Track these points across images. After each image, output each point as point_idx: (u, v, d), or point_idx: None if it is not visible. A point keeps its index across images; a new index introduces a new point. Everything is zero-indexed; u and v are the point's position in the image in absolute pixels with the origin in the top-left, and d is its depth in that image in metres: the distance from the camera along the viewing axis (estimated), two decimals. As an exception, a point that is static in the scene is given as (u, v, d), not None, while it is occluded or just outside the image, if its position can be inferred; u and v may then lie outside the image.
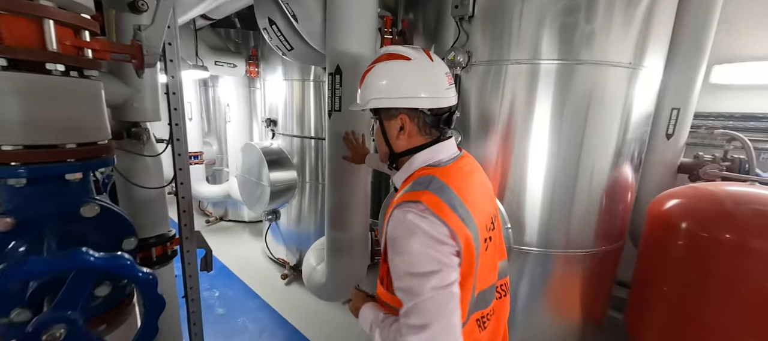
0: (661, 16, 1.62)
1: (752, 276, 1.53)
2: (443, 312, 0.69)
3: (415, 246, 0.71)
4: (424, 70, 0.83)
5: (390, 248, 0.76)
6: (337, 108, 1.58)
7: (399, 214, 0.73)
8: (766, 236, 1.51)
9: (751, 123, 2.25)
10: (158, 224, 1.25)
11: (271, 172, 2.88)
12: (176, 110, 1.02)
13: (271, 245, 3.46)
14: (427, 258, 0.70)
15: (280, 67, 3.06)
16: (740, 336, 1.57)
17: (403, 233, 0.72)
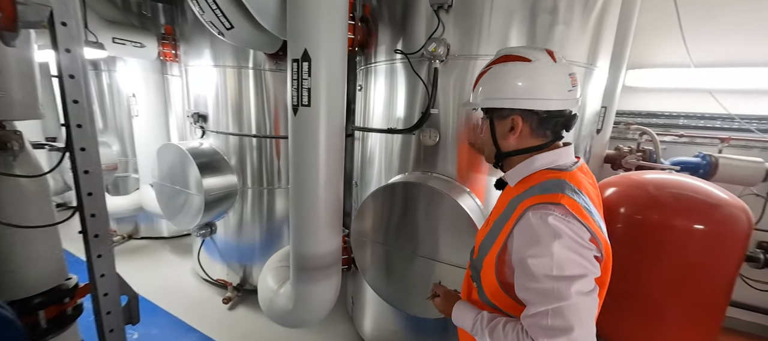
0: (608, 22, 1.76)
1: (674, 250, 1.81)
2: (586, 318, 0.70)
3: (558, 249, 0.71)
4: (544, 72, 0.82)
5: (522, 250, 0.75)
6: (306, 103, 1.30)
7: (536, 216, 0.74)
8: (682, 215, 1.80)
9: (654, 120, 2.71)
10: (47, 273, 0.83)
11: (205, 178, 2.37)
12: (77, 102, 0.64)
13: (207, 264, 2.91)
14: (571, 261, 0.71)
15: (208, 50, 2.53)
16: (668, 301, 1.85)
17: (545, 236, 0.72)
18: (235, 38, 1.79)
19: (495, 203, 1.02)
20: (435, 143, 1.65)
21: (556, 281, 0.70)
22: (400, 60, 1.75)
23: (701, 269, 1.78)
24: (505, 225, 0.83)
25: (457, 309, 0.94)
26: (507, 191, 0.94)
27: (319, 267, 1.50)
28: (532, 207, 0.76)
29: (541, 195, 0.77)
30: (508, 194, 0.90)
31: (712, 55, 2.43)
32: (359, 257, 1.77)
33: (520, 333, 0.74)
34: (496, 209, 0.95)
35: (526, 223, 0.76)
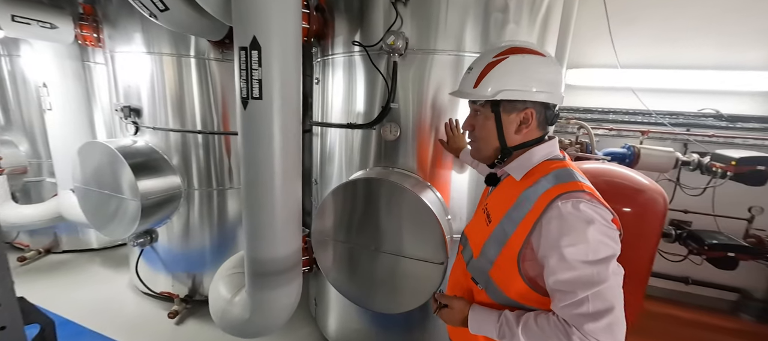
0: (552, 23, 1.89)
1: (607, 231, 2.03)
2: (620, 295, 0.73)
3: (593, 234, 0.72)
4: (554, 67, 0.85)
5: (556, 241, 0.74)
6: (257, 95, 1.20)
7: (568, 205, 0.74)
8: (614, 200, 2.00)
9: (589, 115, 3.00)
10: None
11: (140, 180, 2.10)
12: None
13: (148, 276, 2.60)
14: (604, 244, 0.73)
15: (139, 35, 2.23)
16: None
17: (579, 223, 0.73)
18: (170, 22, 1.59)
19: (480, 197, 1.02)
20: (396, 137, 1.64)
21: (593, 265, 0.71)
22: (359, 53, 1.70)
23: (630, 246, 2.00)
24: (523, 220, 0.80)
25: (473, 316, 0.87)
26: (509, 185, 0.90)
27: (277, 272, 1.41)
28: (561, 197, 0.75)
29: (563, 184, 0.77)
30: (514, 188, 0.87)
31: (635, 58, 2.75)
32: (321, 257, 1.70)
33: (560, 323, 0.73)
34: (498, 205, 0.91)
35: (556, 213, 0.74)
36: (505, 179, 0.93)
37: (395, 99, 1.62)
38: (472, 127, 0.92)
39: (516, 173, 0.88)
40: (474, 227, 1.02)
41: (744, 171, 2.21)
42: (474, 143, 0.94)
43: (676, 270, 2.90)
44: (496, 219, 0.88)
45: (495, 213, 0.91)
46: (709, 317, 2.84)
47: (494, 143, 0.88)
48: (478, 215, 1.02)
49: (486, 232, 0.91)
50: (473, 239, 0.98)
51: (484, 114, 0.88)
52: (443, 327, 2.00)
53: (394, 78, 1.57)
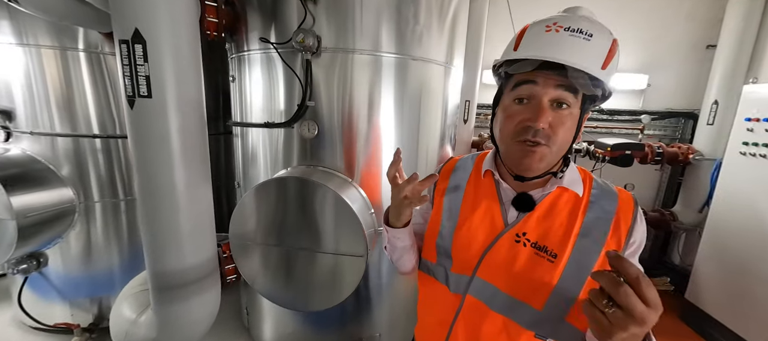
0: (459, 28, 2.07)
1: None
2: None
3: None
4: None
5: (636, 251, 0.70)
6: (145, 93, 1.09)
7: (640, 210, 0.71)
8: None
9: (504, 110, 3.35)
10: None
11: (14, 195, 1.77)
12: None
13: (37, 308, 2.20)
14: None
15: (6, 22, 1.87)
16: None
17: None
18: (40, 8, 1.36)
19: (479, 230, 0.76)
20: (314, 135, 1.64)
21: None
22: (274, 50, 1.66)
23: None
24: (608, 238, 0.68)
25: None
26: (562, 204, 0.72)
27: (186, 283, 1.31)
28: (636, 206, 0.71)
29: (619, 190, 0.73)
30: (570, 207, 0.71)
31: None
32: (241, 263, 1.63)
33: None
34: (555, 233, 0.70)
35: (640, 220, 0.69)
36: (549, 198, 0.72)
37: (312, 97, 1.62)
38: (553, 124, 0.65)
39: (577, 186, 0.72)
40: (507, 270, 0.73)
41: (616, 155, 2.68)
42: (546, 148, 0.66)
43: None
44: (566, 252, 0.68)
45: (556, 245, 0.69)
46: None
47: (566, 149, 0.69)
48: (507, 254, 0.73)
49: (552, 272, 0.69)
50: (517, 286, 0.72)
51: (573, 111, 0.65)
52: (378, 315, 2.08)
53: (308, 76, 1.56)
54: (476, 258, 0.76)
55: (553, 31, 0.63)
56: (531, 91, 0.65)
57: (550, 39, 0.62)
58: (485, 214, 0.77)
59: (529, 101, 0.66)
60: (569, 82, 0.62)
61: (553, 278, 0.69)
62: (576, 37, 0.61)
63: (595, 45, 0.61)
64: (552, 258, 0.69)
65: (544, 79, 0.64)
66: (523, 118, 0.66)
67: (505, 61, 0.69)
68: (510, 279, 0.73)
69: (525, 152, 0.67)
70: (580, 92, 0.65)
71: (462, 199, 0.81)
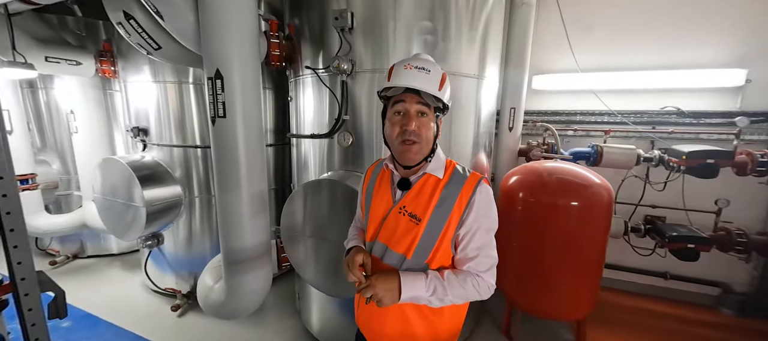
0: (492, 38, 2.12)
1: (558, 224, 2.19)
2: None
3: (494, 210, 1.02)
4: None
5: (481, 218, 0.99)
6: (222, 114, 1.50)
7: (485, 189, 1.00)
8: (563, 195, 2.18)
9: (555, 117, 3.16)
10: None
11: (146, 189, 2.46)
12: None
13: (155, 275, 2.95)
14: (497, 218, 1.04)
15: (147, 67, 2.63)
16: (556, 266, 2.22)
17: (490, 202, 1.01)
18: (165, 57, 1.94)
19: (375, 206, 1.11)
20: (349, 144, 1.90)
21: (491, 231, 1.01)
22: (321, 73, 1.99)
23: (578, 237, 2.17)
24: (454, 208, 0.98)
25: (405, 283, 0.96)
26: (428, 185, 1.02)
27: (246, 259, 1.68)
28: (480, 182, 1.00)
29: (473, 173, 1.04)
30: (434, 186, 1.02)
31: (593, 62, 2.92)
32: (290, 252, 1.97)
33: (471, 276, 0.99)
34: (421, 205, 1.01)
35: (481, 196, 0.99)
36: (421, 180, 1.04)
37: (348, 112, 1.89)
38: (418, 127, 0.97)
39: (438, 172, 1.03)
40: (393, 232, 1.05)
41: (694, 165, 2.31)
42: (417, 144, 0.97)
43: (656, 265, 2.95)
44: (426, 217, 1.00)
45: (421, 212, 1.01)
46: (690, 311, 2.87)
47: (431, 144, 1.01)
48: (393, 222, 1.05)
49: (417, 231, 1.00)
50: (398, 243, 1.03)
51: (430, 117, 0.98)
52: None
53: (344, 94, 1.84)
54: (377, 227, 1.10)
55: (408, 69, 0.97)
56: (403, 107, 0.99)
57: (408, 74, 0.97)
58: (383, 196, 1.11)
59: (403, 114, 0.99)
60: (423, 99, 0.97)
61: (418, 235, 1.01)
62: (421, 72, 0.96)
63: (432, 76, 0.97)
64: (417, 222, 1.01)
65: (409, 98, 0.98)
66: (401, 124, 0.99)
67: (384, 88, 1.03)
68: (395, 239, 1.05)
69: (405, 148, 0.99)
70: (431, 105, 0.98)
71: (374, 189, 1.15)
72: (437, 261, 1.03)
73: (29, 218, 2.99)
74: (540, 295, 2.31)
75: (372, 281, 0.96)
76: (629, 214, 3.00)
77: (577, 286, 2.25)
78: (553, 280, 2.26)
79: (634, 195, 2.98)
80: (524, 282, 2.34)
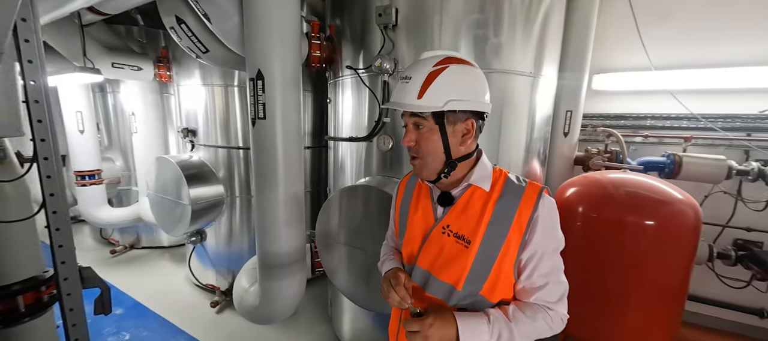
0: (551, 33, 1.89)
1: (626, 244, 1.87)
2: None
3: (558, 227, 0.86)
4: (483, 78, 0.87)
5: (547, 238, 0.83)
6: (262, 116, 1.47)
7: (550, 201, 0.84)
8: (634, 212, 1.87)
9: (621, 121, 2.78)
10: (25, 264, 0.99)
11: (192, 188, 2.56)
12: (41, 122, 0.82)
13: (198, 270, 3.07)
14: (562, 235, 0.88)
15: (198, 71, 2.76)
16: (623, 293, 1.91)
17: (556, 218, 0.86)
18: (212, 60, 1.99)
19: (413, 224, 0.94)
20: (389, 148, 1.79)
21: (557, 252, 0.86)
22: (362, 74, 1.91)
23: (653, 262, 1.84)
24: (513, 226, 0.82)
25: (463, 326, 0.79)
26: (475, 199, 0.86)
27: (281, 265, 1.63)
28: (543, 196, 0.83)
29: (532, 184, 0.86)
30: (483, 201, 0.85)
31: (670, 58, 2.51)
32: (324, 258, 1.90)
33: (542, 310, 0.83)
34: (469, 223, 0.85)
35: (545, 211, 0.82)
36: (466, 195, 0.87)
37: (389, 114, 1.78)
38: (415, 142, 0.85)
39: (484, 183, 0.86)
40: (437, 257, 0.89)
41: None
42: (419, 160, 0.86)
43: (750, 299, 2.46)
44: (477, 238, 0.83)
45: (470, 232, 0.84)
46: (796, 360, 2.34)
47: (441, 156, 0.84)
48: (436, 244, 0.90)
49: (467, 257, 0.84)
50: (445, 270, 0.88)
51: (428, 127, 0.83)
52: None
53: (385, 95, 1.73)
54: (417, 250, 0.94)
55: (399, 82, 0.86)
56: (404, 121, 0.88)
57: (397, 89, 0.86)
58: (423, 213, 0.95)
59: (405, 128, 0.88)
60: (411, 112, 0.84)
61: (469, 261, 0.85)
62: (404, 82, 0.84)
63: (412, 84, 0.82)
64: (467, 244, 0.85)
65: (405, 113, 0.87)
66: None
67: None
68: (439, 265, 0.89)
69: (414, 165, 0.89)
70: (430, 114, 0.82)
71: (410, 204, 0.99)
72: (497, 291, 0.85)
73: (94, 209, 3.29)
74: (602, 323, 2.00)
75: (423, 325, 0.78)
76: (714, 237, 2.53)
77: (649, 317, 1.91)
78: (619, 308, 1.94)
79: (719, 214, 2.51)
80: (582, 307, 2.03)
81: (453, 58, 0.84)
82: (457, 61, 0.83)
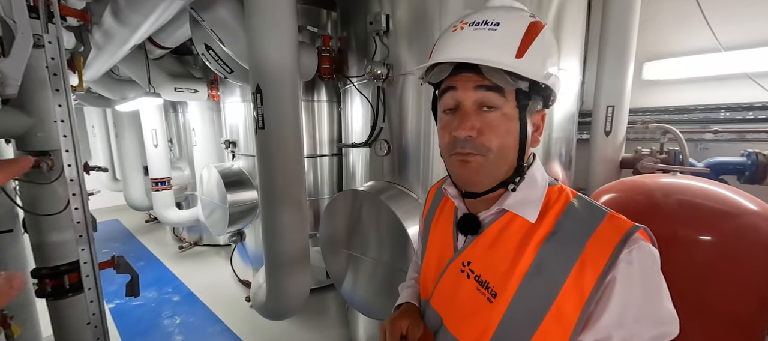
0: (567, 24, 1.69)
1: (679, 263, 1.54)
2: None
3: (668, 298, 0.53)
4: None
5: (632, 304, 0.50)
6: (262, 126, 1.61)
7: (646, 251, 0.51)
8: (688, 225, 1.54)
9: (684, 115, 2.31)
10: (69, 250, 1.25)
11: (230, 193, 2.88)
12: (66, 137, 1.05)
13: (239, 267, 3.43)
14: (674, 312, 0.53)
15: (238, 90, 3.12)
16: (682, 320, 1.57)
17: (659, 282, 0.52)
18: (238, 79, 2.25)
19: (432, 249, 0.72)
20: (384, 153, 1.79)
21: (659, 334, 0.52)
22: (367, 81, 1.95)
23: (714, 284, 1.48)
24: (563, 288, 0.51)
25: None
26: (510, 232, 0.58)
27: (285, 264, 1.74)
28: (631, 241, 0.50)
29: (614, 219, 0.54)
30: (521, 237, 0.57)
31: (745, 35, 2.02)
32: (328, 263, 1.96)
33: None
34: (498, 267, 0.58)
35: (633, 269, 0.49)
36: (498, 223, 0.60)
37: (385, 119, 1.78)
38: (479, 131, 0.55)
39: (526, 211, 0.57)
40: (452, 302, 0.65)
41: None
42: (479, 157, 0.56)
43: None
44: (507, 292, 0.56)
45: (498, 281, 0.57)
46: None
47: (513, 156, 0.57)
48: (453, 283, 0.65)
49: (489, 314, 0.57)
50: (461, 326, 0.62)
51: (506, 110, 0.55)
52: None
53: (379, 101, 1.74)
54: (432, 283, 0.70)
55: (458, 30, 0.56)
56: (454, 98, 0.58)
57: (456, 38, 0.56)
58: (441, 236, 0.71)
59: (455, 110, 0.58)
60: (488, 81, 0.54)
61: (493, 322, 0.57)
62: (480, 30, 0.54)
63: (503, 33, 0.53)
64: (492, 297, 0.57)
65: (462, 83, 0.56)
66: (451, 128, 0.58)
67: (424, 70, 0.62)
68: (454, 314, 0.64)
69: (459, 165, 0.58)
70: (509, 90, 0.55)
71: (433, 220, 0.76)
72: None
73: (164, 210, 3.91)
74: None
75: None
76: (829, 260, 1.92)
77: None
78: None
79: (839, 231, 1.90)
80: None
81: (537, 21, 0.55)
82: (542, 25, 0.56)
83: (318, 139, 2.96)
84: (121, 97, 3.62)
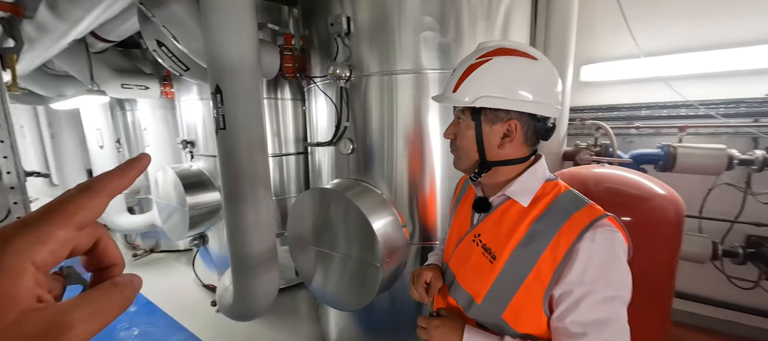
0: (516, 33, 1.86)
1: (607, 244, 1.79)
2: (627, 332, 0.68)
3: (618, 271, 0.68)
4: (550, 73, 0.75)
5: (589, 278, 0.67)
6: (223, 127, 1.59)
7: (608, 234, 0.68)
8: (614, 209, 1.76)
9: (614, 113, 2.64)
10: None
11: (189, 195, 2.76)
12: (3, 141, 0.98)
13: (202, 271, 3.30)
14: (624, 282, 0.68)
15: (195, 87, 2.97)
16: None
17: (614, 260, 0.67)
18: (194, 77, 2.16)
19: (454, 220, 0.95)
20: (349, 152, 1.84)
21: (613, 302, 0.67)
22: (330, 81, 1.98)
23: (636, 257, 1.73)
24: (542, 256, 0.70)
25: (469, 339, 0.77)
26: (512, 212, 0.78)
27: (252, 265, 1.74)
28: (595, 226, 0.67)
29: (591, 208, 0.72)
30: (519, 217, 0.76)
31: (661, 44, 2.36)
32: (296, 260, 1.99)
33: None
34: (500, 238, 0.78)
35: (593, 246, 0.67)
36: (503, 205, 0.80)
37: (350, 118, 1.83)
38: (454, 135, 0.82)
39: (522, 198, 0.76)
40: (464, 263, 0.86)
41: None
42: (455, 153, 0.84)
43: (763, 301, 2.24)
44: (503, 256, 0.76)
45: (498, 248, 0.77)
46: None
47: (474, 155, 0.78)
48: (466, 250, 0.86)
49: (490, 272, 0.77)
50: (468, 281, 0.84)
51: (465, 122, 0.78)
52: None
53: (342, 101, 1.79)
54: (451, 250, 0.93)
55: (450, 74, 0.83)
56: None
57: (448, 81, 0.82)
58: (463, 215, 0.93)
59: None
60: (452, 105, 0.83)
61: (491, 277, 0.78)
62: (451, 75, 0.81)
63: (454, 76, 0.79)
64: (492, 259, 0.78)
65: None
66: None
67: None
68: (464, 272, 0.86)
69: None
70: (466, 109, 0.79)
71: (459, 202, 0.99)
72: (522, 321, 0.74)
73: (114, 217, 3.63)
74: (583, 328, 1.92)
75: (430, 324, 0.82)
76: (722, 234, 2.33)
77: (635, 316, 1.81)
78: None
79: (729, 210, 2.31)
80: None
81: (504, 49, 0.74)
82: (508, 53, 0.73)
83: (283, 137, 2.92)
84: (58, 94, 3.27)
